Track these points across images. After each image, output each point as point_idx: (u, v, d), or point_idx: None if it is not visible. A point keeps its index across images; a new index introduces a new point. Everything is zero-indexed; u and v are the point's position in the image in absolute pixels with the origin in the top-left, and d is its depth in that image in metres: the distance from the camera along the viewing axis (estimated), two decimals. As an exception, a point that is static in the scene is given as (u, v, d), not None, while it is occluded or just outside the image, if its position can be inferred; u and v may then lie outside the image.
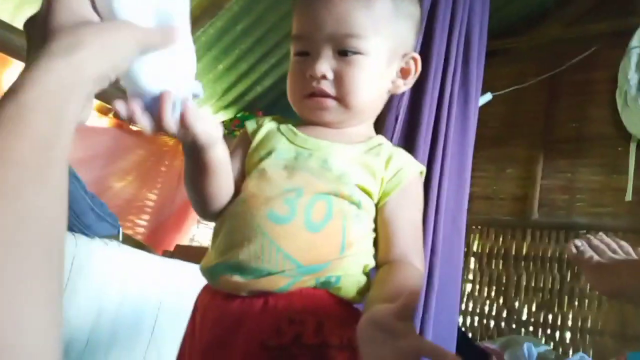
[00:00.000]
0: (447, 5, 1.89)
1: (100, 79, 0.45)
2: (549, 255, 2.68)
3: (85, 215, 1.43)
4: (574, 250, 1.03)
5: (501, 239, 2.83)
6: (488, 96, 2.62)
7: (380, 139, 0.81)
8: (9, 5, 2.44)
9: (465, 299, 2.85)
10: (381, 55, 0.75)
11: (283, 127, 0.79)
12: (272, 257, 0.66)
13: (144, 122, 0.56)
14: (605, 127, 2.68)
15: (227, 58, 2.83)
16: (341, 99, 0.74)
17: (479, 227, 2.90)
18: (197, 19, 2.45)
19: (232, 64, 2.87)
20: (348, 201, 0.71)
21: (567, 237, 2.62)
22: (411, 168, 0.77)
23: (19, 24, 2.48)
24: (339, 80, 0.73)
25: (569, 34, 2.92)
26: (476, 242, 2.91)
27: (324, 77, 0.73)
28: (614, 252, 0.98)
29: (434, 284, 1.72)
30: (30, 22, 0.47)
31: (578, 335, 2.54)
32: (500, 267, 2.80)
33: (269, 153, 0.75)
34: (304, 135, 0.76)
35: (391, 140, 1.75)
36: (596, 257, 0.96)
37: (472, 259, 2.91)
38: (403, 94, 1.79)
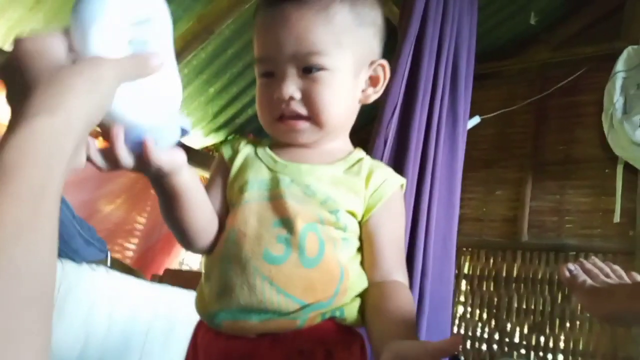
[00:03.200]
0: (435, 31, 1.93)
1: (88, 122, 0.44)
2: (539, 277, 2.68)
3: (73, 240, 1.42)
4: (567, 274, 1.02)
5: (492, 261, 2.84)
6: (476, 119, 2.65)
7: (360, 153, 0.79)
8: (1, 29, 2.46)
9: (457, 322, 2.83)
10: (347, 68, 0.74)
11: (261, 151, 0.77)
12: (275, 299, 0.65)
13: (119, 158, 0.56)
14: (593, 149, 2.71)
15: (218, 81, 2.85)
16: (313, 118, 0.73)
17: (470, 249, 2.91)
18: (189, 43, 2.48)
19: (223, 87, 2.89)
20: (334, 227, 0.71)
21: (557, 258, 2.63)
22: (392, 182, 0.76)
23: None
24: (307, 99, 0.72)
25: (556, 58, 2.98)
26: (467, 264, 2.91)
27: (291, 98, 0.71)
28: (607, 276, 0.97)
29: (425, 306, 1.71)
30: (6, 69, 0.45)
31: (570, 357, 2.53)
32: (492, 289, 2.80)
33: (250, 183, 0.73)
34: (283, 160, 0.75)
35: (381, 164, 1.77)
36: (589, 281, 0.96)
37: (464, 281, 2.90)
38: (392, 117, 1.81)
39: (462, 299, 2.87)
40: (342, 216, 0.71)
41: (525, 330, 2.65)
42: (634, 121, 2.48)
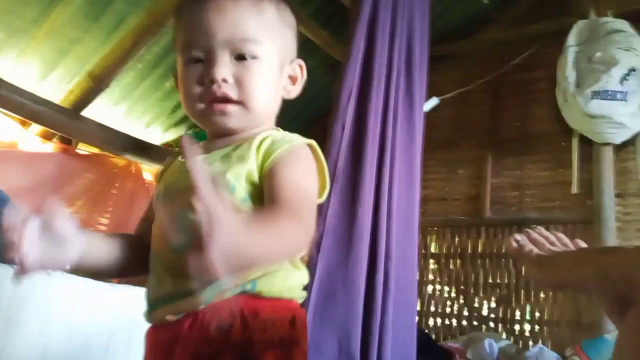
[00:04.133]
0: (387, 14, 1.93)
1: None
2: (503, 251, 2.75)
3: (26, 246, 1.37)
4: (515, 245, 1.04)
5: (457, 239, 2.89)
6: (434, 100, 2.67)
7: (269, 132, 0.77)
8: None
9: (426, 300, 2.88)
10: (274, 61, 0.77)
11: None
12: (180, 285, 0.67)
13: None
14: (548, 124, 2.78)
15: (174, 75, 2.80)
16: (244, 103, 0.74)
17: (436, 228, 2.95)
18: (140, 38, 2.42)
19: (180, 80, 2.83)
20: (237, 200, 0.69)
21: (519, 231, 2.68)
22: (286, 140, 0.74)
23: (42, 93, 2.49)
24: (240, 84, 0.73)
25: (509, 36, 3.02)
26: (433, 244, 2.95)
27: (224, 80, 0.72)
28: (553, 244, 1.00)
29: (390, 288, 1.73)
30: None
31: (536, 327, 2.61)
32: (458, 266, 2.86)
33: (163, 181, 0.79)
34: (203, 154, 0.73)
35: (339, 150, 1.77)
36: (536, 250, 0.98)
37: (431, 260, 2.95)
38: (348, 102, 1.81)
39: (430, 277, 2.92)
40: (240, 191, 0.70)
41: (493, 304, 2.71)
42: (586, 94, 2.55)
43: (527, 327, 2.63)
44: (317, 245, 1.63)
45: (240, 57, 0.73)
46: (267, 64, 0.76)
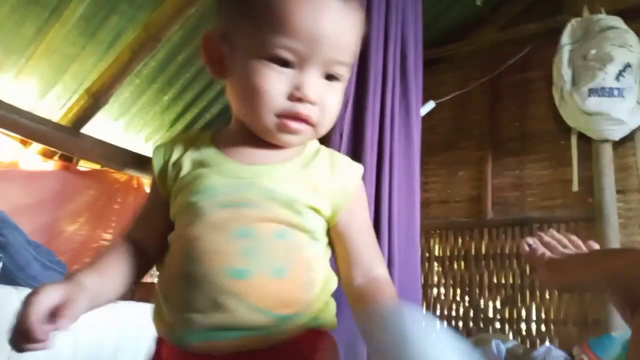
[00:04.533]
0: (380, 21, 1.94)
1: None
2: (507, 251, 2.75)
3: (30, 267, 1.38)
4: (527, 248, 1.04)
5: (460, 241, 2.89)
6: (431, 104, 2.68)
7: (315, 144, 0.74)
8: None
9: (432, 303, 2.88)
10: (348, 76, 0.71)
11: (206, 152, 0.70)
12: (248, 317, 0.61)
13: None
14: (547, 123, 2.78)
15: (172, 89, 2.81)
16: (318, 126, 0.67)
17: (439, 231, 2.95)
18: (137, 53, 2.43)
19: (178, 94, 2.85)
20: (300, 229, 0.67)
21: (522, 232, 2.69)
22: (355, 173, 0.74)
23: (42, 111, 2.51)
24: (323, 107, 0.66)
25: (504, 37, 3.03)
26: (437, 246, 2.95)
27: (314, 103, 0.64)
28: (565, 247, 0.99)
29: (394, 295, 1.73)
30: None
31: (543, 326, 2.60)
32: (463, 268, 2.85)
33: (201, 191, 0.66)
34: (237, 162, 0.68)
35: (338, 158, 1.77)
36: (548, 254, 0.98)
37: (435, 263, 2.95)
38: (345, 110, 1.81)
39: (435, 280, 2.92)
40: (309, 217, 0.67)
41: (498, 305, 2.71)
42: (582, 91, 2.55)
43: (533, 326, 2.62)
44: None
45: (330, 77, 0.66)
46: (344, 84, 0.69)
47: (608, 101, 2.50)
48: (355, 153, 1.80)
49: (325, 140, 1.84)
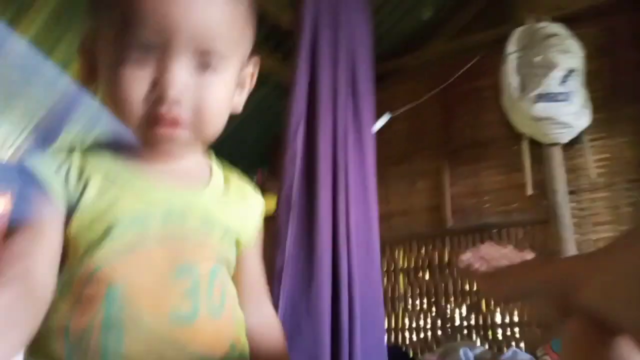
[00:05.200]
0: (328, 37, 1.95)
1: None
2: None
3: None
4: (463, 264, 1.06)
5: (424, 251, 2.91)
6: (386, 117, 2.71)
7: (212, 160, 0.69)
8: None
9: (400, 316, 2.89)
10: (236, 71, 0.63)
11: (115, 169, 0.59)
12: None
13: None
14: (498, 129, 2.85)
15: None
16: (195, 129, 0.58)
17: (402, 242, 2.97)
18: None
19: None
20: (226, 263, 0.63)
21: (482, 238, 2.73)
22: (260, 204, 0.71)
23: None
24: (196, 105, 0.57)
25: (453, 47, 3.10)
26: (402, 258, 2.97)
27: (178, 102, 0.56)
28: (502, 258, 1.02)
29: (355, 311, 1.73)
30: None
31: (508, 329, 2.63)
32: (428, 277, 2.87)
33: (123, 222, 0.56)
34: (156, 184, 0.59)
35: (292, 178, 1.77)
36: (483, 267, 1.00)
37: (401, 275, 2.96)
38: (297, 130, 1.82)
39: (402, 292, 2.93)
40: (233, 249, 0.64)
41: (464, 312, 2.73)
42: (530, 98, 2.62)
43: (499, 331, 2.66)
44: (279, 277, 1.62)
45: (203, 66, 0.57)
46: (230, 75, 0.60)
47: (555, 106, 2.58)
48: (310, 172, 1.80)
49: (279, 160, 1.84)
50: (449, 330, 2.75)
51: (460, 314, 2.75)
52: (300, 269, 1.65)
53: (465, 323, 2.73)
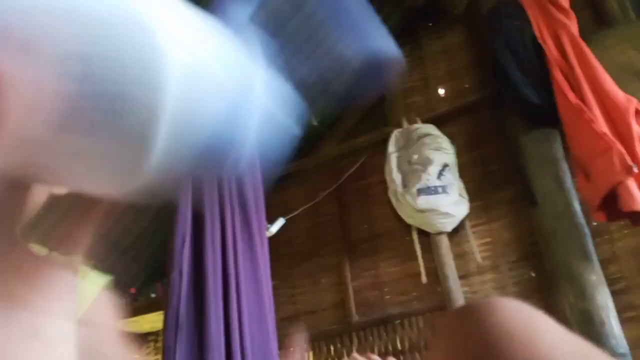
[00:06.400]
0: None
1: None
2: (375, 352, 2.81)
3: None
4: None
5: (332, 349, 2.91)
6: (281, 221, 2.81)
7: None
8: None
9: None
10: None
11: None
12: None
13: None
14: (390, 222, 3.03)
15: None
16: None
17: (311, 343, 2.96)
18: None
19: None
20: None
21: (386, 329, 2.80)
22: None
23: None
24: None
25: (342, 149, 3.34)
26: (312, 359, 2.95)
27: None
28: None
29: None
30: None
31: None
32: (338, 377, 2.85)
33: None
34: None
35: (179, 297, 1.76)
36: None
37: (312, 376, 2.92)
38: (183, 247, 1.84)
39: (315, 395, 2.87)
40: None
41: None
42: (412, 192, 2.85)
43: None
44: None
45: None
46: None
47: (435, 198, 2.81)
48: (198, 288, 1.80)
49: (164, 279, 1.83)
50: None
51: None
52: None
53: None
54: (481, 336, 0.38)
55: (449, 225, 2.84)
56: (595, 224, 2.47)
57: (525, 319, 0.40)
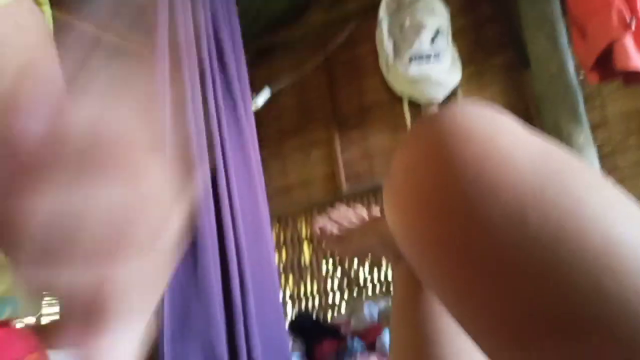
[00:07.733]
0: (187, 23, 1.92)
1: None
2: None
3: None
4: (318, 230, 1.11)
5: (323, 219, 3.00)
6: (267, 92, 2.73)
7: None
8: None
9: (309, 282, 2.98)
10: None
11: None
12: None
13: None
14: (380, 94, 2.96)
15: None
16: None
17: (304, 212, 3.05)
18: None
19: None
20: None
21: (376, 199, 2.86)
22: None
23: None
24: None
25: (331, 17, 3.15)
26: (304, 228, 3.05)
27: None
28: (351, 219, 1.08)
29: (247, 287, 1.75)
30: None
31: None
32: (330, 243, 2.97)
33: None
34: None
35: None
36: (335, 231, 1.06)
37: (305, 243, 3.05)
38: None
39: (307, 260, 3.02)
40: None
41: (367, 270, 2.87)
42: (404, 60, 2.74)
43: (401, 284, 2.81)
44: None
45: None
46: None
47: (427, 66, 2.71)
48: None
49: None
50: (356, 289, 2.88)
51: (364, 273, 2.88)
52: (183, 256, 1.65)
53: (369, 281, 2.87)
54: (437, 142, 0.35)
55: (441, 94, 2.78)
56: (587, 90, 2.42)
57: (487, 119, 0.36)
